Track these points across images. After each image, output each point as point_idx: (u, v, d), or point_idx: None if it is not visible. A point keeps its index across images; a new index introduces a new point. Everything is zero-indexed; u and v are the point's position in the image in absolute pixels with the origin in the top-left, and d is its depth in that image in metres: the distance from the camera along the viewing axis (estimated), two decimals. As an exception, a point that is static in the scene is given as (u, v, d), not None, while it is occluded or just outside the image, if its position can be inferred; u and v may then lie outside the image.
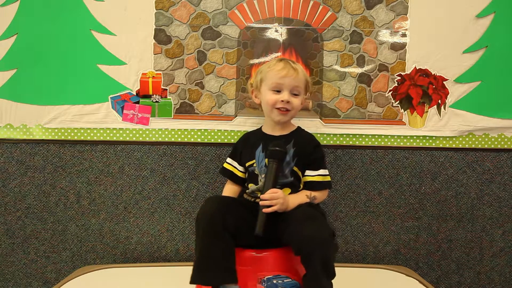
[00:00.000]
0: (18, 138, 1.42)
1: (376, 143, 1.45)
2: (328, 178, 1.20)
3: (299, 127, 1.26)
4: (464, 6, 1.40)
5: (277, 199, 1.05)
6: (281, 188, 1.13)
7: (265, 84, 1.19)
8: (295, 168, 1.17)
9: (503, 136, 1.46)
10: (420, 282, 1.31)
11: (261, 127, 1.29)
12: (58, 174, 1.44)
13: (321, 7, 1.41)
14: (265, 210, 1.04)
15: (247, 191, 1.21)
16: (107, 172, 1.45)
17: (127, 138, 1.43)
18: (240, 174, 1.26)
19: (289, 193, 1.15)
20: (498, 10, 1.40)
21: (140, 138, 1.43)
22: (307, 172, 1.18)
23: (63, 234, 1.47)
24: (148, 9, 1.39)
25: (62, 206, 1.45)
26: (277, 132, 1.23)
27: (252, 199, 1.19)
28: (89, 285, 1.27)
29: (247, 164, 1.22)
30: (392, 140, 1.45)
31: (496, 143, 1.46)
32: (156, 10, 1.40)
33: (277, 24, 1.41)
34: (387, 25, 1.41)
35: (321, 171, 1.19)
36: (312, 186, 1.17)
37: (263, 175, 1.16)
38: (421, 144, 1.45)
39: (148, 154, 1.45)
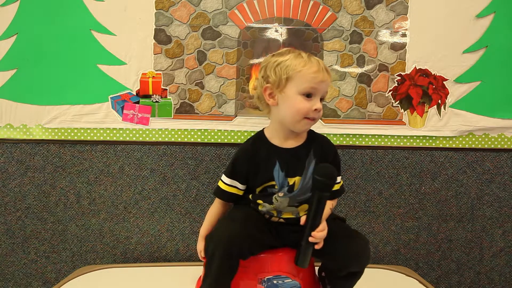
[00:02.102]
0: (18, 138, 1.42)
1: (376, 143, 1.45)
2: (342, 182, 1.12)
3: (310, 130, 1.08)
4: (464, 6, 1.40)
5: (325, 233, 0.96)
6: (298, 206, 1.06)
7: (295, 85, 0.98)
8: None
9: (503, 136, 1.46)
10: (420, 282, 1.31)
11: (264, 136, 1.08)
12: (58, 174, 1.44)
13: (321, 7, 1.41)
14: (317, 246, 0.96)
15: (261, 209, 1.08)
16: (107, 172, 1.45)
17: (127, 138, 1.43)
18: (241, 194, 1.09)
19: (306, 209, 1.04)
20: (498, 10, 1.40)
21: (140, 138, 1.43)
22: None
23: (63, 234, 1.47)
24: (148, 9, 1.39)
25: (62, 206, 1.45)
26: (291, 143, 1.05)
27: (263, 215, 1.09)
28: (89, 285, 1.27)
29: (263, 186, 1.04)
30: (392, 140, 1.45)
31: (496, 143, 1.46)
32: (156, 10, 1.40)
33: (277, 24, 1.41)
34: (387, 25, 1.42)
35: (339, 178, 1.10)
36: (333, 195, 1.08)
37: (281, 194, 1.04)
38: (421, 144, 1.45)
39: (148, 154, 1.45)
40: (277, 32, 1.41)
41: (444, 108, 1.44)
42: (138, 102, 1.42)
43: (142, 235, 1.48)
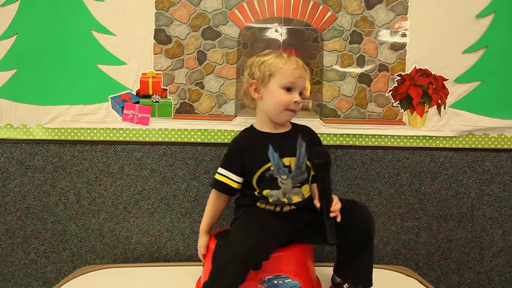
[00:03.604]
0: (18, 138, 1.42)
1: (376, 143, 1.45)
2: None
3: (292, 122, 1.21)
4: (464, 6, 1.40)
5: (340, 205, 1.06)
6: (300, 187, 1.13)
7: (276, 81, 1.11)
8: (308, 163, 1.14)
9: (503, 136, 1.46)
10: (420, 282, 1.31)
11: (253, 128, 1.20)
12: (58, 174, 1.44)
13: (321, 7, 1.41)
14: (338, 219, 1.05)
15: (271, 200, 1.11)
16: (107, 172, 1.45)
17: (127, 138, 1.43)
18: (235, 186, 1.14)
19: (308, 190, 1.15)
20: (498, 10, 1.40)
21: (140, 138, 1.43)
22: None
23: (63, 234, 1.47)
24: (148, 9, 1.39)
25: (62, 206, 1.46)
26: (279, 130, 1.17)
27: (275, 208, 1.12)
28: (89, 285, 1.27)
29: (260, 170, 1.11)
30: (392, 140, 1.45)
31: (496, 143, 1.46)
32: (156, 10, 1.40)
33: (277, 24, 1.41)
34: (387, 25, 1.42)
35: None
36: None
37: (284, 176, 1.11)
38: (421, 144, 1.45)
39: (148, 154, 1.45)
40: (277, 32, 1.41)
41: (444, 108, 1.44)
42: (138, 102, 1.42)
43: (142, 235, 1.48)
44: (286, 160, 1.11)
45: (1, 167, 1.44)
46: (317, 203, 1.08)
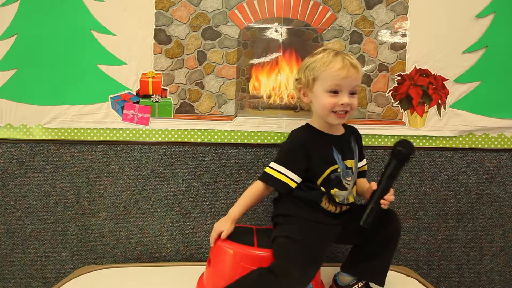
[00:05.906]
0: (18, 138, 1.42)
1: (376, 143, 1.45)
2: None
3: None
4: (464, 6, 1.40)
5: (393, 197, 1.07)
6: (352, 188, 1.14)
7: (320, 84, 1.06)
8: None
9: (503, 136, 1.46)
10: (420, 282, 1.31)
11: (311, 126, 1.15)
12: (58, 174, 1.44)
13: (321, 7, 1.41)
14: (384, 206, 1.05)
15: (338, 200, 1.10)
16: (107, 172, 1.45)
17: (127, 138, 1.43)
18: (294, 186, 1.08)
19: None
20: (498, 10, 1.40)
21: (140, 138, 1.43)
22: (360, 164, 1.20)
23: (63, 234, 1.47)
24: (148, 9, 1.39)
25: (62, 206, 1.45)
26: (337, 131, 1.15)
27: (335, 208, 1.12)
28: (89, 285, 1.27)
29: (327, 172, 1.08)
30: (392, 140, 1.45)
31: (496, 143, 1.46)
32: (156, 10, 1.40)
33: (277, 24, 1.41)
34: (387, 25, 1.42)
35: (365, 160, 1.24)
36: (364, 174, 1.24)
37: (348, 178, 1.11)
38: (421, 144, 1.45)
39: (148, 154, 1.44)
40: (277, 32, 1.41)
41: (444, 108, 1.44)
42: (138, 102, 1.42)
43: (142, 235, 1.48)
44: (348, 162, 1.12)
45: (1, 167, 1.44)
46: (373, 185, 1.06)
